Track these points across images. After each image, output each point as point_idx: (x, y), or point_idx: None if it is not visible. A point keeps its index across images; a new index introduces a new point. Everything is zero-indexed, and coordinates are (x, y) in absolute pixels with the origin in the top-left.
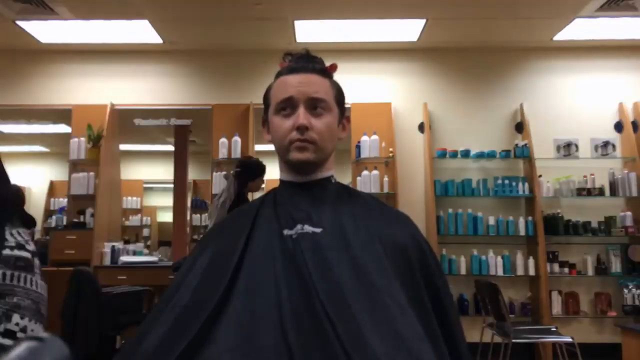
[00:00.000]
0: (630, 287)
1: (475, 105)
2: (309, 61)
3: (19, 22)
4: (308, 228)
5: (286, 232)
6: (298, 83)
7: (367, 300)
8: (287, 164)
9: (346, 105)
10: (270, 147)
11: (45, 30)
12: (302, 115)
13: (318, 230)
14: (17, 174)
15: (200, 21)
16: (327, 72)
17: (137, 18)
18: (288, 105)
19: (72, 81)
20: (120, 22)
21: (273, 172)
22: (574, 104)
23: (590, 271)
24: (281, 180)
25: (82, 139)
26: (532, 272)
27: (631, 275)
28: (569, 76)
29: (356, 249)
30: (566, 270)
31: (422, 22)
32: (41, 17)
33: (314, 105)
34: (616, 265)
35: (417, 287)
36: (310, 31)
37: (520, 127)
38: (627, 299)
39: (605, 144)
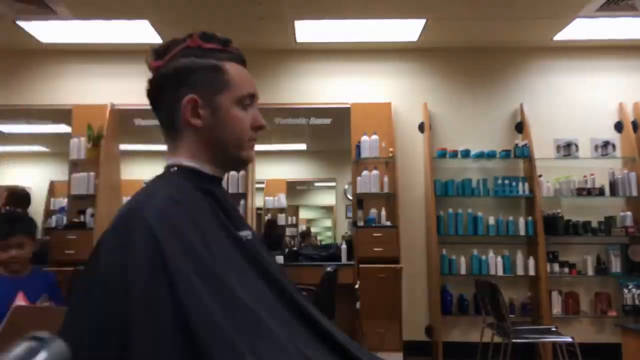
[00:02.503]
0: (630, 287)
1: (475, 105)
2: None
3: (19, 22)
4: (247, 232)
5: (241, 233)
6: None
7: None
8: (228, 159)
9: (346, 105)
10: None
11: (45, 30)
12: (261, 117)
13: (250, 234)
14: (18, 174)
15: (201, 21)
16: None
17: (137, 18)
18: (251, 102)
19: (73, 81)
20: (120, 23)
21: (271, 172)
22: (574, 104)
23: (590, 271)
24: (199, 171)
25: (82, 138)
26: (532, 272)
27: (631, 276)
28: (569, 76)
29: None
30: (566, 270)
31: (422, 22)
32: (41, 17)
33: None
34: (616, 265)
35: None
36: (310, 31)
37: (520, 127)
38: (627, 299)
39: (605, 144)
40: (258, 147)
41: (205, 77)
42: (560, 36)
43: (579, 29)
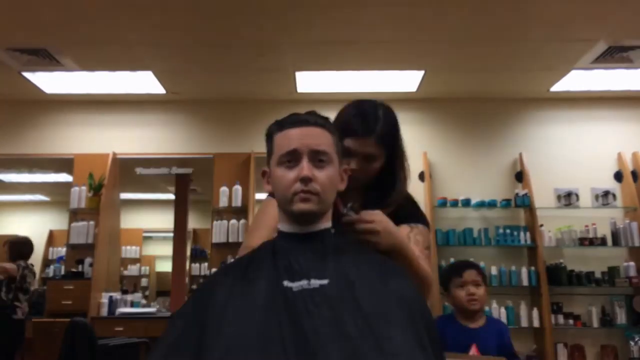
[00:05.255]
0: (636, 340)
1: (474, 155)
2: (311, 114)
3: (25, 73)
4: (315, 282)
5: (286, 283)
6: (301, 135)
7: (379, 352)
8: (289, 215)
9: None
10: None
11: (49, 81)
12: (306, 167)
13: (325, 282)
14: (17, 223)
15: (203, 72)
16: (328, 125)
17: (141, 69)
18: (292, 158)
19: (75, 130)
20: (124, 73)
21: None
22: (573, 154)
23: (596, 323)
24: (281, 232)
25: (83, 187)
26: (536, 323)
27: (637, 327)
28: (567, 126)
29: (364, 299)
30: (571, 321)
31: (421, 73)
32: (47, 68)
33: (317, 157)
34: (621, 317)
35: (421, 336)
36: (311, 82)
37: (520, 176)
38: (633, 351)
39: (606, 193)
40: (260, 197)
41: (267, 149)
42: (557, 87)
43: (575, 81)
